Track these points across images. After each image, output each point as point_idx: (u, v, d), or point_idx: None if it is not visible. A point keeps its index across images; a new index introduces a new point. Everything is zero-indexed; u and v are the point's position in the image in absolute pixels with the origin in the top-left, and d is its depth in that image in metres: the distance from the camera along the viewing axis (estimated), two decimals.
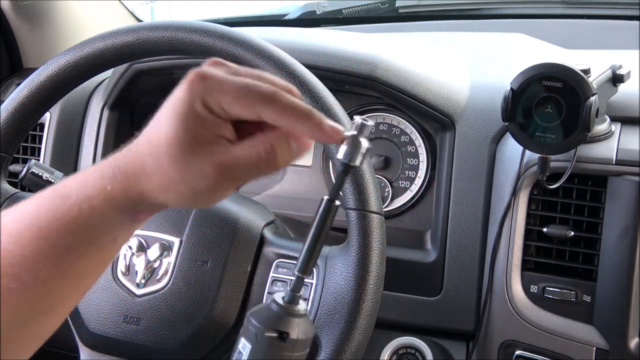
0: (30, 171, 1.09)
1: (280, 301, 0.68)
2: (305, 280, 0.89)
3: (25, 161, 1.21)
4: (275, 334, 0.67)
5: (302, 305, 0.69)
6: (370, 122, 0.65)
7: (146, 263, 0.95)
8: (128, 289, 0.95)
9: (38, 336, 0.63)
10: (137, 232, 0.96)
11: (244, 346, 0.68)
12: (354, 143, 0.65)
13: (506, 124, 0.97)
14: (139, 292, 0.94)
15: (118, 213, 0.59)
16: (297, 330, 0.68)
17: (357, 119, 0.65)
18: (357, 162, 0.66)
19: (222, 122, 0.57)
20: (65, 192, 0.60)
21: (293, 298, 0.68)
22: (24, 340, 0.62)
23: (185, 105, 0.56)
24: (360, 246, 0.85)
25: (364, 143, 0.65)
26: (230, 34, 0.90)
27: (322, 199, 0.66)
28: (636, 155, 0.95)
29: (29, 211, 0.60)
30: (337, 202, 0.67)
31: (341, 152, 0.65)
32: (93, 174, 0.59)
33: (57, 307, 0.63)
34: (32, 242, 0.59)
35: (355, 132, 0.65)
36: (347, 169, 0.66)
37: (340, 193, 0.70)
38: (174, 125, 0.56)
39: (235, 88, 0.56)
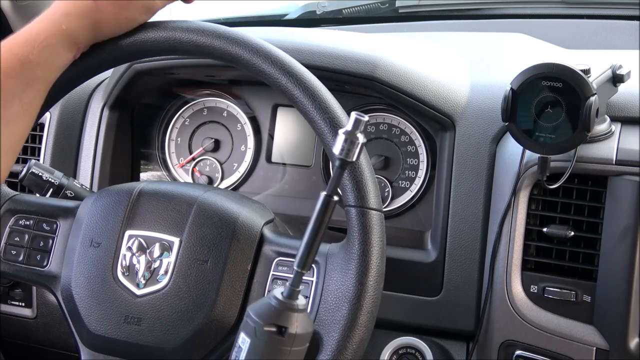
0: (30, 171, 1.09)
1: (280, 296, 0.68)
2: (306, 278, 0.90)
3: (25, 161, 1.21)
4: (274, 329, 0.67)
5: (301, 300, 0.69)
6: (365, 117, 0.66)
7: (146, 263, 0.95)
8: (128, 289, 0.95)
9: None
10: (137, 232, 0.96)
11: (243, 341, 0.69)
12: (350, 138, 0.65)
13: (506, 124, 0.97)
14: (139, 292, 0.94)
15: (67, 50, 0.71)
16: (296, 325, 0.68)
17: (353, 114, 0.66)
18: (354, 158, 0.66)
19: None
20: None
21: (292, 293, 0.68)
22: None
23: None
24: (361, 243, 0.84)
25: (360, 138, 0.65)
26: (229, 33, 0.90)
27: (320, 194, 0.67)
28: (636, 155, 0.95)
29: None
30: (336, 198, 0.67)
31: (337, 147, 0.66)
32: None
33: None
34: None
35: (350, 128, 0.65)
36: (344, 164, 0.66)
37: (339, 190, 0.71)
38: None
39: None
